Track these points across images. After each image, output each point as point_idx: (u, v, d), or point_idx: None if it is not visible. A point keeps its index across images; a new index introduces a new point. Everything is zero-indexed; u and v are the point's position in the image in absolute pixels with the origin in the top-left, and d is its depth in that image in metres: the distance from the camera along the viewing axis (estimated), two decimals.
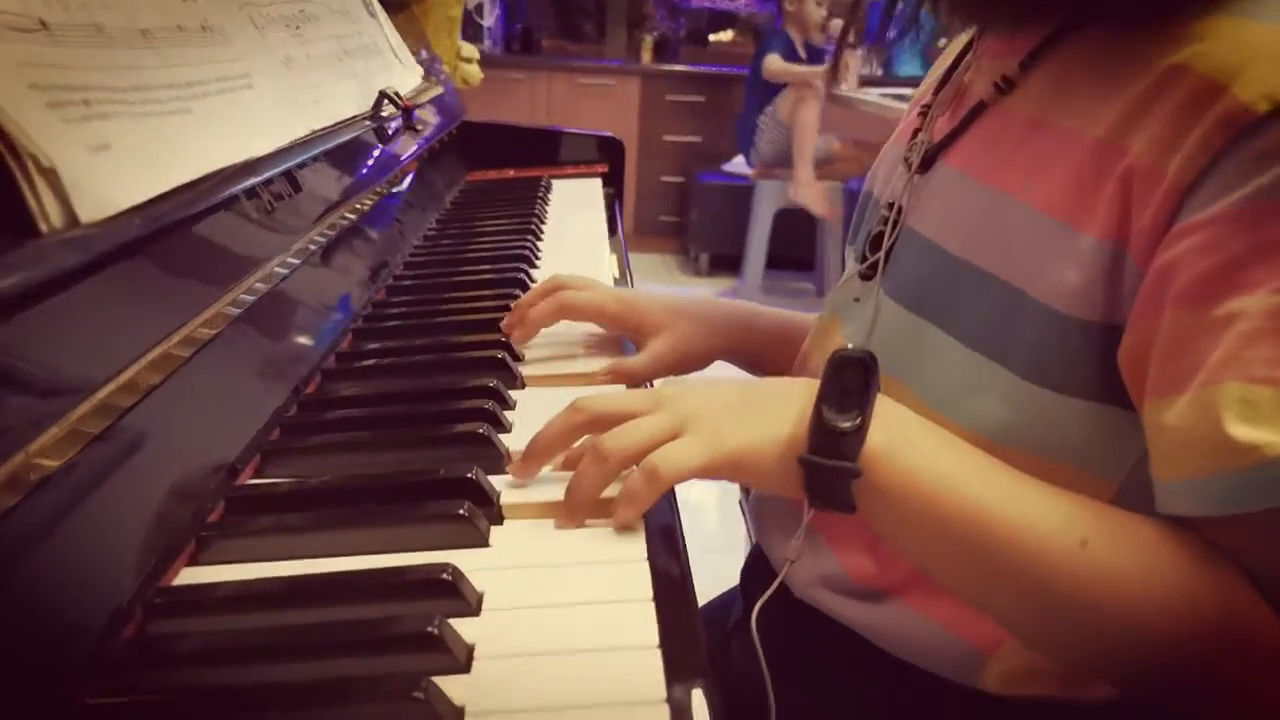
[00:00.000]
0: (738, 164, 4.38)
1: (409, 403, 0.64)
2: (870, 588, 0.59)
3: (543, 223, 1.18)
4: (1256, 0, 0.49)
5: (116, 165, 0.36)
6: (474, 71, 1.90)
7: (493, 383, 0.65)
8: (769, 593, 0.58)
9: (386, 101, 0.81)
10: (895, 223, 0.63)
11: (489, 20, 4.66)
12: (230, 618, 0.42)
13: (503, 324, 0.75)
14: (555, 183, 1.47)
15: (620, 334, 0.78)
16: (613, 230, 1.21)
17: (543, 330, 0.76)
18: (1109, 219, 0.48)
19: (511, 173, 1.53)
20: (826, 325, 0.70)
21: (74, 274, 0.36)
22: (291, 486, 0.53)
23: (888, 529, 0.50)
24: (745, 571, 0.76)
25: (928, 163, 0.62)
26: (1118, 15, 0.53)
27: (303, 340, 0.70)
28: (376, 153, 0.86)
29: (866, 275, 0.65)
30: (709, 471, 0.49)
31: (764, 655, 0.56)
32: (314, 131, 0.64)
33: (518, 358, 0.73)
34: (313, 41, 0.70)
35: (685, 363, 0.77)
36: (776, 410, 0.50)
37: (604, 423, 0.52)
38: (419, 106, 0.96)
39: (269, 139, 0.56)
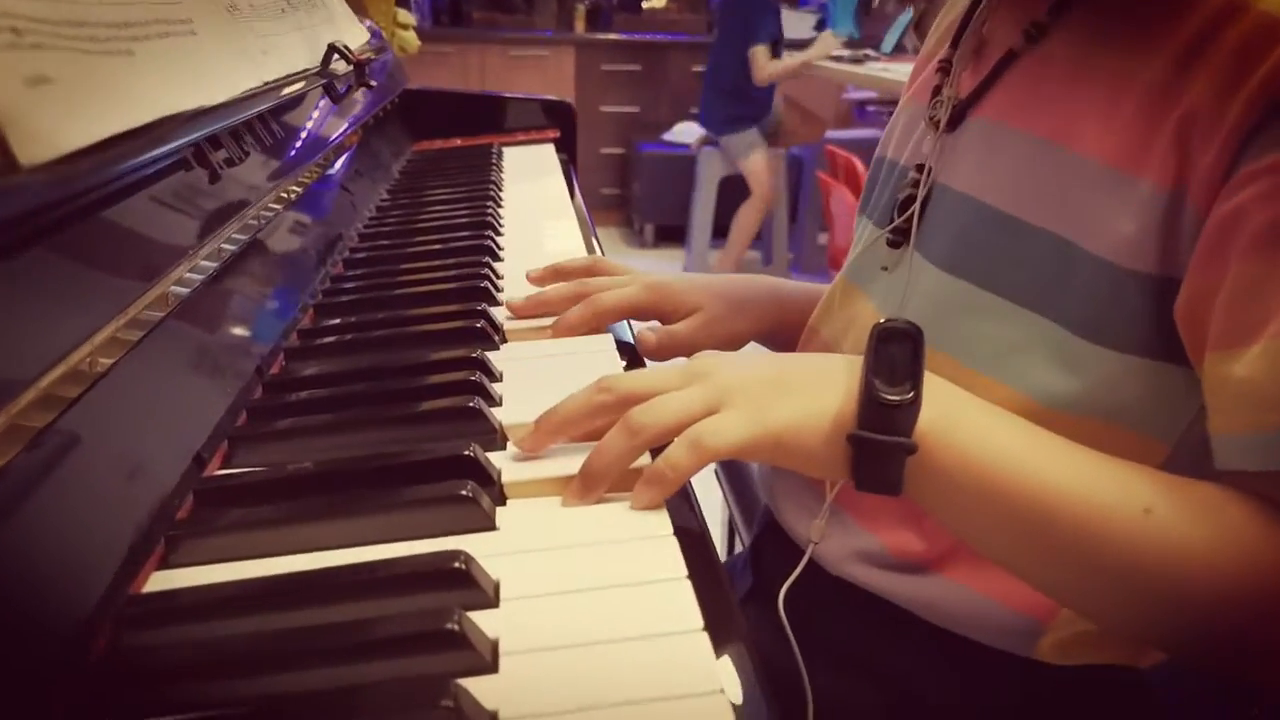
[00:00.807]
0: (678, 133, 4.33)
1: (387, 378, 0.58)
2: (914, 561, 0.56)
3: (500, 190, 1.12)
4: None
5: (57, 103, 0.31)
6: (411, 39, 1.82)
7: (476, 353, 0.60)
8: (796, 573, 0.54)
9: (336, 56, 0.75)
10: (925, 184, 0.59)
11: None
12: (216, 624, 0.37)
13: (515, 307, 0.70)
14: (506, 150, 1.41)
15: (654, 319, 0.73)
16: (572, 196, 1.16)
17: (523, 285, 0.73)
18: (1167, 164, 0.46)
19: (459, 141, 1.47)
20: (845, 296, 0.66)
21: (13, 231, 0.30)
22: (267, 475, 0.47)
23: (940, 507, 0.47)
24: (756, 544, 0.72)
25: (956, 119, 0.58)
26: None
27: (261, 318, 0.64)
28: (329, 112, 0.80)
29: (895, 242, 0.61)
30: (750, 448, 0.45)
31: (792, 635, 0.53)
32: (266, 84, 0.58)
33: (497, 327, 0.68)
34: None
35: (719, 344, 0.72)
36: (820, 385, 0.46)
37: (632, 402, 0.47)
38: (370, 63, 0.90)
39: (219, 89, 0.50)
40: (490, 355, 0.61)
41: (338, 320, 0.70)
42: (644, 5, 4.78)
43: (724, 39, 3.58)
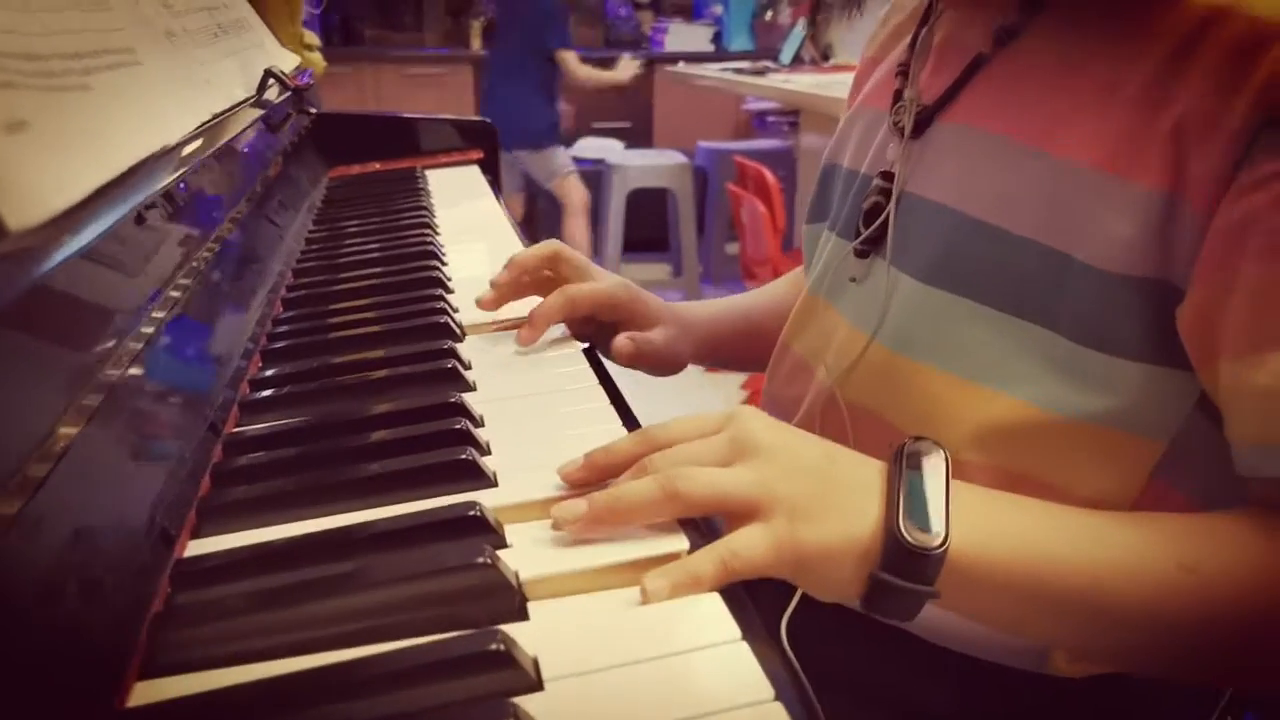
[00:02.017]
0: (582, 148, 4.31)
1: (361, 431, 0.54)
2: None
3: (434, 216, 1.08)
4: None
5: (38, 151, 0.26)
6: (318, 60, 1.75)
7: (455, 397, 0.56)
8: (794, 602, 0.52)
9: (272, 81, 0.70)
10: (896, 192, 0.58)
11: (303, 11, 4.40)
12: None
13: (480, 301, 0.70)
14: (429, 173, 1.36)
15: (619, 320, 0.71)
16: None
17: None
18: (1162, 168, 0.45)
19: (378, 165, 1.41)
20: (814, 310, 0.65)
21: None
22: (252, 553, 0.43)
23: (975, 614, 0.45)
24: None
25: (923, 124, 0.57)
26: None
27: (206, 370, 0.59)
28: (261, 142, 0.75)
29: (863, 253, 0.59)
30: (773, 570, 0.42)
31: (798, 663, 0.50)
32: (214, 115, 0.53)
33: (466, 365, 0.64)
34: (186, 14, 0.59)
35: (671, 363, 0.72)
36: (856, 505, 0.43)
37: (677, 460, 0.45)
38: (307, 89, 0.85)
39: (173, 124, 0.45)
40: (466, 396, 0.58)
41: (289, 368, 0.65)
42: None
43: (516, 50, 3.52)
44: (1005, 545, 0.43)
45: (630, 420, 0.57)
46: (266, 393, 0.60)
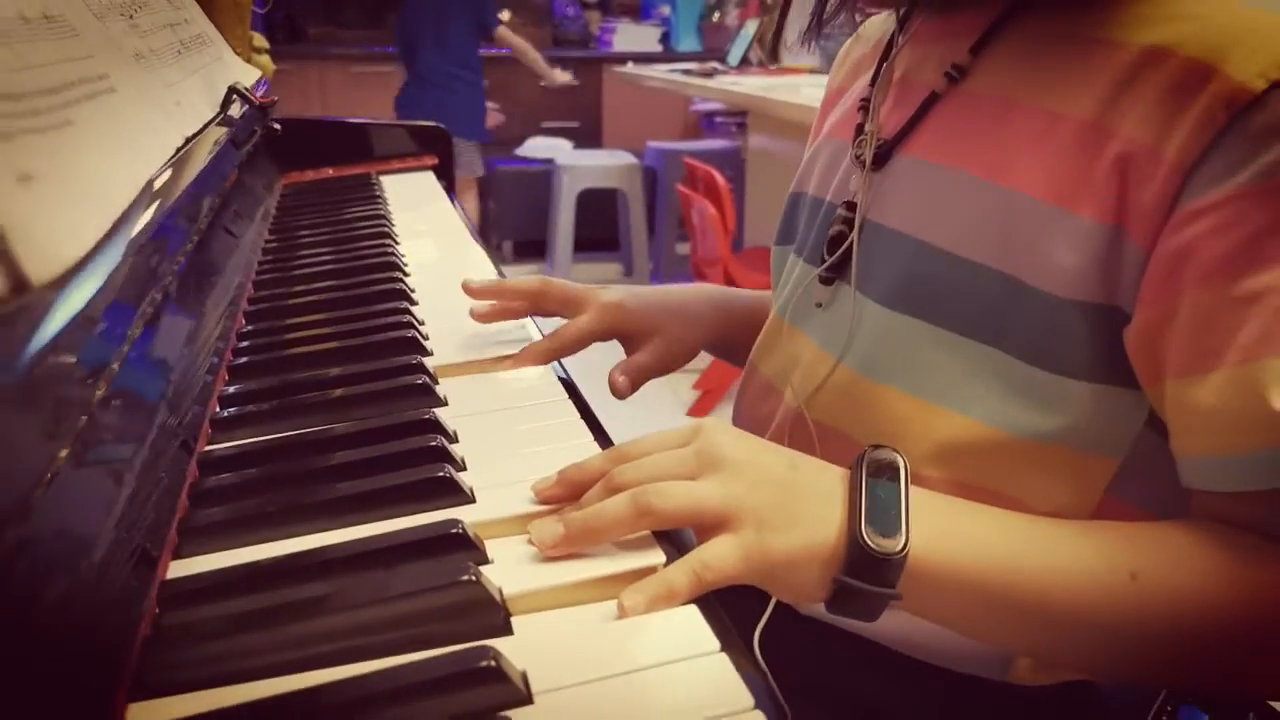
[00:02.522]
0: (530, 148, 4.30)
1: (336, 449, 0.55)
2: None
3: (392, 225, 1.08)
4: None
5: (47, 201, 0.27)
6: (267, 63, 1.73)
7: (428, 414, 0.57)
8: (767, 615, 0.54)
9: (236, 98, 0.70)
10: (858, 222, 0.60)
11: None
12: None
13: (476, 314, 0.72)
14: (384, 179, 1.36)
15: (618, 338, 0.75)
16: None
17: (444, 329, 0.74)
18: (1105, 200, 0.48)
19: (331, 171, 1.40)
20: (782, 334, 0.67)
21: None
22: (239, 572, 0.43)
23: (934, 613, 0.48)
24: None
25: (883, 157, 0.59)
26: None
27: (174, 386, 0.59)
28: (227, 157, 0.74)
29: (828, 279, 0.62)
30: (744, 578, 0.44)
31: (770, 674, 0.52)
32: (186, 140, 0.53)
33: (435, 379, 0.65)
34: (151, 33, 0.58)
35: (678, 362, 0.75)
36: (820, 513, 0.45)
37: (646, 477, 0.46)
38: (271, 105, 0.85)
39: (154, 151, 0.45)
40: (438, 411, 0.59)
41: (258, 384, 0.65)
42: None
43: (446, 38, 3.56)
44: (962, 550, 0.45)
45: (600, 434, 0.58)
46: (237, 409, 0.61)
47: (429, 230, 1.09)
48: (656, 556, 0.44)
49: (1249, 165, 0.43)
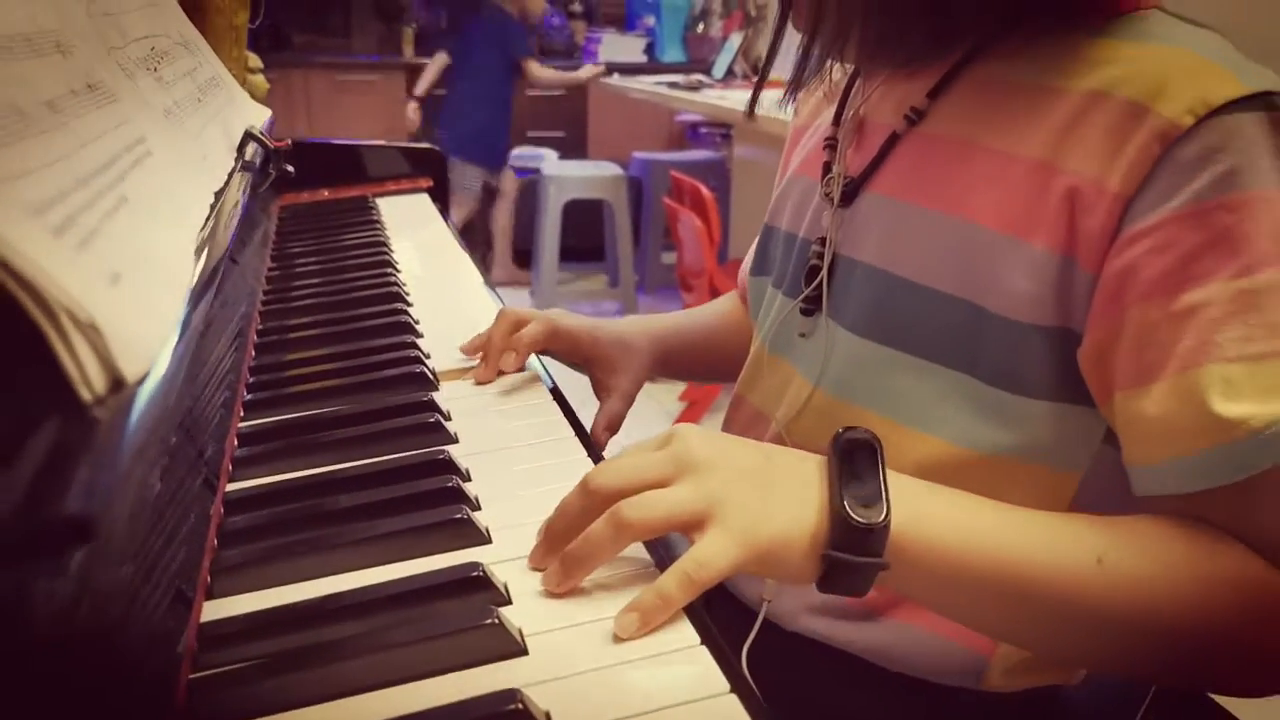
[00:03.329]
0: (516, 157, 4.32)
1: (356, 488, 0.57)
2: (865, 608, 0.60)
3: (391, 251, 1.10)
4: (1140, 21, 0.54)
5: (131, 297, 0.29)
6: (261, 82, 1.75)
7: (442, 454, 0.60)
8: (754, 634, 0.57)
9: (252, 142, 0.72)
10: (828, 257, 0.63)
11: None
12: None
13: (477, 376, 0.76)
14: (380, 201, 1.38)
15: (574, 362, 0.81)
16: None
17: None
18: (1056, 231, 0.52)
19: (326, 193, 1.42)
20: (768, 365, 0.70)
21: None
22: (274, 615, 0.46)
23: (915, 592, 0.50)
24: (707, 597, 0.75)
25: (850, 194, 0.63)
26: (1014, 44, 0.57)
27: (199, 424, 0.62)
28: (247, 202, 0.77)
29: (808, 311, 0.65)
30: (740, 569, 0.46)
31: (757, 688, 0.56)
32: (216, 195, 0.56)
33: (446, 416, 0.67)
34: (174, 84, 0.61)
35: (638, 390, 0.80)
36: (799, 495, 0.48)
37: (621, 498, 0.48)
38: (286, 149, 0.87)
39: (193, 212, 0.47)
40: (451, 450, 0.61)
41: (274, 420, 0.67)
42: None
43: (479, 63, 3.69)
44: (939, 528, 0.48)
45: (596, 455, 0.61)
46: (256, 448, 0.63)
47: (426, 256, 1.12)
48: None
49: (1181, 192, 0.48)
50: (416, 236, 1.21)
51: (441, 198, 1.46)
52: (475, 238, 4.21)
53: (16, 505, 0.24)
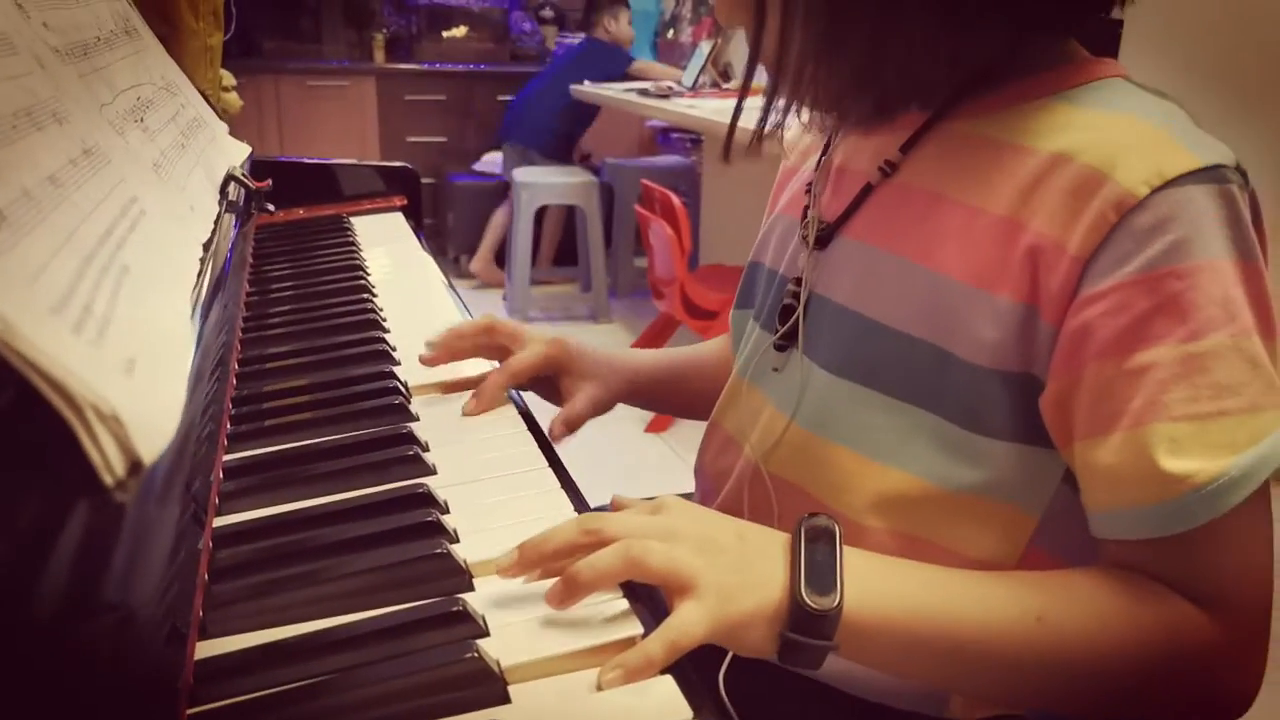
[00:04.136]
0: (487, 163, 4.34)
1: (340, 521, 0.60)
2: None
3: (368, 273, 1.13)
4: (1105, 88, 0.57)
5: (146, 380, 0.32)
6: (234, 100, 1.78)
7: (422, 487, 0.62)
8: (727, 662, 0.61)
9: (234, 184, 0.74)
10: (804, 297, 0.67)
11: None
12: None
13: (422, 358, 0.80)
14: (355, 220, 1.40)
15: (557, 373, 0.84)
16: None
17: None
18: (1020, 284, 0.55)
19: (301, 212, 1.44)
20: (743, 395, 0.73)
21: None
22: (265, 651, 0.49)
23: (866, 659, 0.54)
24: None
25: (827, 238, 0.66)
26: (985, 102, 0.60)
27: (188, 458, 0.64)
28: (232, 244, 0.79)
29: (782, 346, 0.68)
30: (708, 640, 0.49)
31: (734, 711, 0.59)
32: (204, 248, 0.58)
33: (425, 447, 0.70)
34: (159, 132, 0.63)
35: (605, 408, 0.84)
36: (767, 575, 0.51)
37: (629, 534, 0.52)
38: (267, 190, 0.89)
39: (184, 267, 0.50)
40: (429, 482, 0.64)
41: (259, 451, 0.70)
42: (444, 34, 4.75)
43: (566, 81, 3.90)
44: (889, 604, 0.52)
45: (580, 502, 0.64)
46: (243, 481, 0.66)
47: (401, 277, 1.14)
48: (635, 628, 0.50)
49: (1135, 258, 0.51)
50: (392, 257, 1.23)
51: (414, 216, 1.48)
52: (448, 240, 4.23)
53: (55, 591, 0.27)
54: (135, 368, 0.31)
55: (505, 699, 0.46)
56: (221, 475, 0.67)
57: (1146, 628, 0.52)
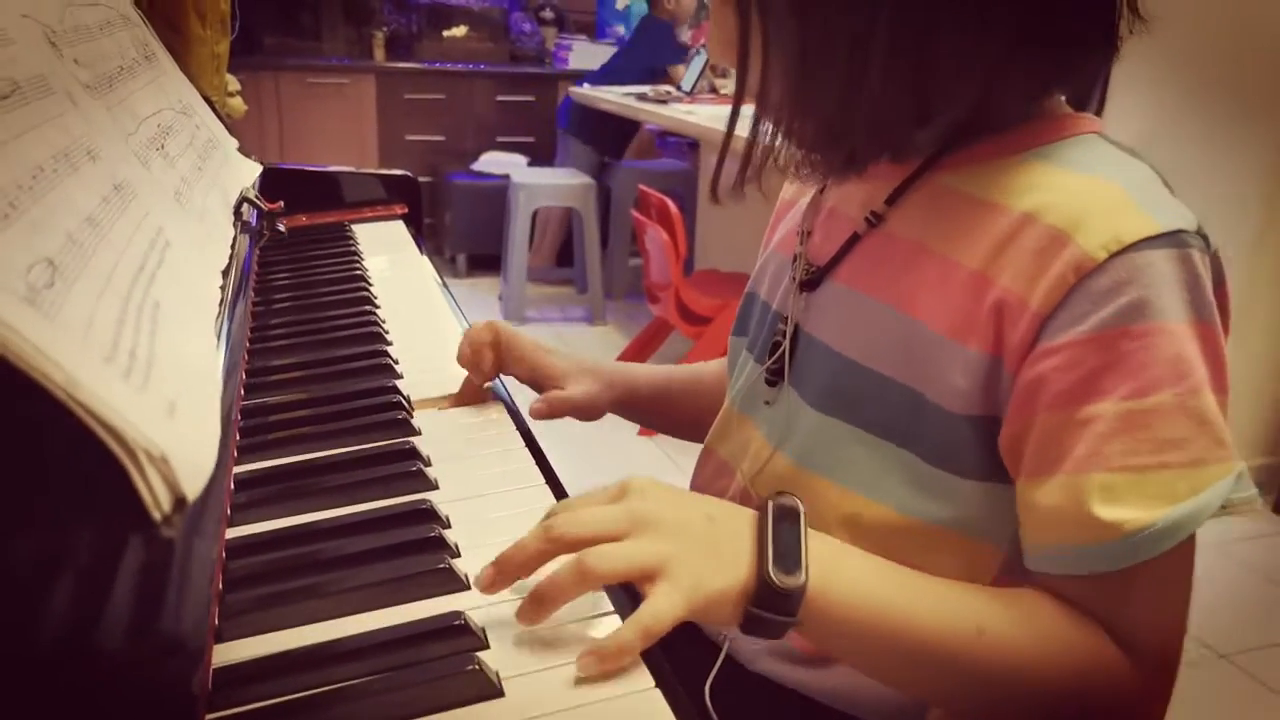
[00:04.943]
0: (486, 162, 4.36)
1: (347, 534, 0.63)
2: (814, 654, 0.67)
3: (370, 284, 1.16)
4: (1077, 146, 0.61)
5: (188, 423, 0.35)
6: (239, 105, 1.80)
7: (425, 503, 0.66)
8: (715, 670, 0.64)
9: (248, 206, 0.77)
10: (792, 336, 0.70)
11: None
12: None
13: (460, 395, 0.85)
14: (356, 228, 1.43)
15: (535, 378, 0.88)
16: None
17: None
18: (987, 336, 0.59)
19: (304, 219, 1.47)
20: (735, 424, 0.77)
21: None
22: (279, 660, 0.52)
23: (820, 642, 0.57)
24: (667, 638, 0.81)
25: (815, 281, 0.70)
26: (966, 157, 0.63)
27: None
28: (244, 261, 0.82)
29: (772, 381, 0.72)
30: (685, 620, 0.52)
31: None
32: (223, 274, 0.61)
33: (427, 462, 0.73)
34: (178, 158, 0.66)
35: (590, 412, 0.87)
36: (736, 553, 0.54)
37: (580, 546, 0.54)
38: (279, 213, 0.92)
39: (209, 295, 0.53)
40: (429, 496, 0.67)
41: (268, 463, 0.73)
42: (444, 34, 4.77)
43: (628, 70, 3.96)
44: (847, 589, 0.55)
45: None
46: (253, 493, 0.69)
47: (403, 287, 1.17)
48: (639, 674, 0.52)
49: (1090, 318, 0.54)
50: (393, 266, 1.26)
51: (415, 224, 1.51)
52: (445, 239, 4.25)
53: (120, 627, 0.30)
54: (176, 410, 0.34)
55: (504, 710, 0.49)
56: (233, 486, 0.70)
57: (1075, 652, 0.55)
